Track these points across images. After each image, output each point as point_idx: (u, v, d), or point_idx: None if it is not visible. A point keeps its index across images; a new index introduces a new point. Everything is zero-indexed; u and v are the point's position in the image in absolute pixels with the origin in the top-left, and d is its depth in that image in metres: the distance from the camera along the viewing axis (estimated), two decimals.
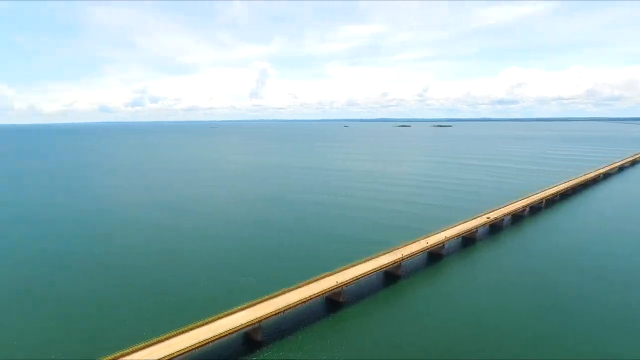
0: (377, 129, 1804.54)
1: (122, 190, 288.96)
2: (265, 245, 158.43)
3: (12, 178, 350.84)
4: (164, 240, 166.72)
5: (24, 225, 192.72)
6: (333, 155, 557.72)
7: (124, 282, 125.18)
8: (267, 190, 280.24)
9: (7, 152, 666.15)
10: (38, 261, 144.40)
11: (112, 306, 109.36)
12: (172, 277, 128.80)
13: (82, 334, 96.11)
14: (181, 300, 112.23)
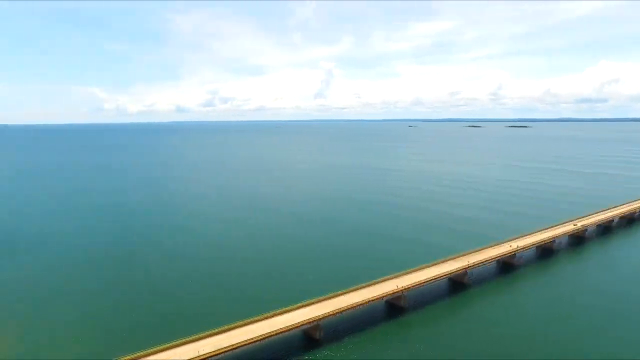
0: (444, 129, 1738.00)
1: (197, 185, 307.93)
2: (327, 245, 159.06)
3: (104, 172, 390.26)
4: (231, 235, 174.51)
5: (114, 213, 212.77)
6: (398, 155, 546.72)
7: (192, 273, 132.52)
8: (332, 189, 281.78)
9: (103, 148, 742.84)
10: (113, 246, 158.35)
11: (178, 295, 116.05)
12: (236, 271, 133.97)
13: (153, 318, 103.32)
14: (242, 294, 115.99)
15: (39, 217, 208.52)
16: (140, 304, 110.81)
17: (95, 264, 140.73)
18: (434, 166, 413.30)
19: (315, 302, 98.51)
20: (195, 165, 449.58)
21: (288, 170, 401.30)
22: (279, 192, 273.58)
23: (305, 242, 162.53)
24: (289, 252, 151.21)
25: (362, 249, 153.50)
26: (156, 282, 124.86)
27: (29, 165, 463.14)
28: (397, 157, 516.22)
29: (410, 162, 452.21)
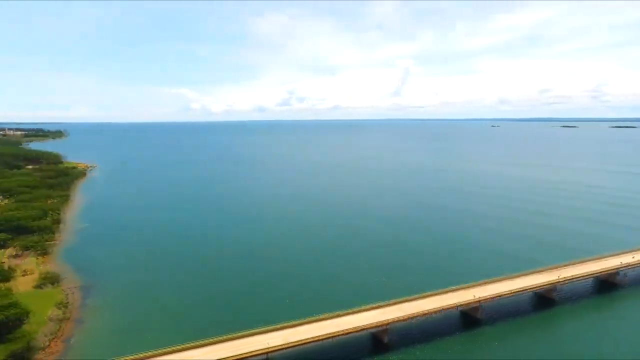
0: (533, 130, 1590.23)
1: (278, 182, 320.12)
2: (400, 248, 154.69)
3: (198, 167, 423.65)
4: (305, 233, 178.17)
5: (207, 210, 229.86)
6: (479, 157, 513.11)
7: (267, 268, 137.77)
8: (410, 191, 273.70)
9: (202, 145, 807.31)
10: (197, 238, 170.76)
11: (250, 289, 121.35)
12: (309, 268, 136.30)
13: (226, 309, 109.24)
14: (313, 292, 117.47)
15: (135, 209, 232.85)
16: (215, 295, 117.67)
17: (180, 254, 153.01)
18: (521, 170, 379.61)
19: (384, 306, 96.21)
20: (283, 164, 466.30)
21: (363, 169, 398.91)
22: (356, 191, 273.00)
23: (378, 243, 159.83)
24: (361, 252, 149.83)
25: (438, 255, 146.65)
26: (232, 275, 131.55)
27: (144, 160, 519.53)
28: (478, 159, 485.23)
29: (493, 165, 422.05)
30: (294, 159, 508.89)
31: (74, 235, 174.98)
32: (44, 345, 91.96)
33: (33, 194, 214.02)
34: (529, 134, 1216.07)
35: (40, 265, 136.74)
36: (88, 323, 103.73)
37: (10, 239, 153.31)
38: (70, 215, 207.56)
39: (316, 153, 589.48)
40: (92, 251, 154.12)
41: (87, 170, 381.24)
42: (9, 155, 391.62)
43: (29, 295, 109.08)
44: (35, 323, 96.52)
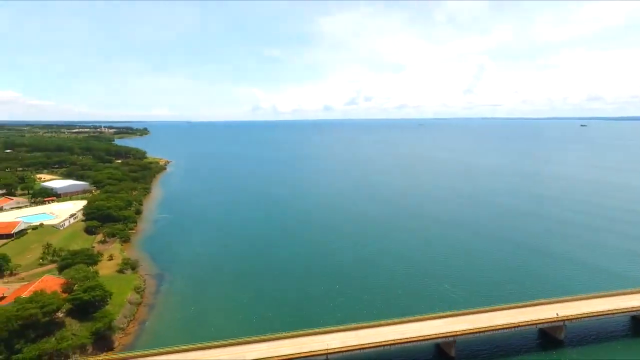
0: (631, 129, 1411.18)
1: (346, 181, 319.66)
2: (472, 255, 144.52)
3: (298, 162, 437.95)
4: (374, 235, 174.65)
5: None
6: (567, 160, 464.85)
7: (332, 268, 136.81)
8: (487, 195, 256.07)
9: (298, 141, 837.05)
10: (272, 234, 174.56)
11: (316, 288, 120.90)
12: (372, 271, 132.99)
13: (290, 306, 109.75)
14: (375, 295, 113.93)
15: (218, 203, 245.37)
16: (278, 291, 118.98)
17: (248, 249, 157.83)
18: (623, 177, 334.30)
19: (449, 316, 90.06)
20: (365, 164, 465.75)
21: (436, 171, 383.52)
22: (428, 193, 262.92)
23: (446, 249, 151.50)
24: (428, 257, 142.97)
25: (514, 265, 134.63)
26: (296, 273, 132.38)
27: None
28: (566, 163, 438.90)
29: (583, 169, 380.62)
30: (363, 158, 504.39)
31: (151, 225, 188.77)
32: (122, 325, 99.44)
33: (119, 186, 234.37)
34: (625, 134, 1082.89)
35: (124, 252, 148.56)
36: (160, 308, 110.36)
37: (100, 226, 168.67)
38: (150, 206, 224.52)
39: (385, 154, 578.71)
40: (166, 241, 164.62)
41: (167, 165, 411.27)
42: (102, 150, 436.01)
43: (111, 278, 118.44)
44: (116, 304, 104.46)
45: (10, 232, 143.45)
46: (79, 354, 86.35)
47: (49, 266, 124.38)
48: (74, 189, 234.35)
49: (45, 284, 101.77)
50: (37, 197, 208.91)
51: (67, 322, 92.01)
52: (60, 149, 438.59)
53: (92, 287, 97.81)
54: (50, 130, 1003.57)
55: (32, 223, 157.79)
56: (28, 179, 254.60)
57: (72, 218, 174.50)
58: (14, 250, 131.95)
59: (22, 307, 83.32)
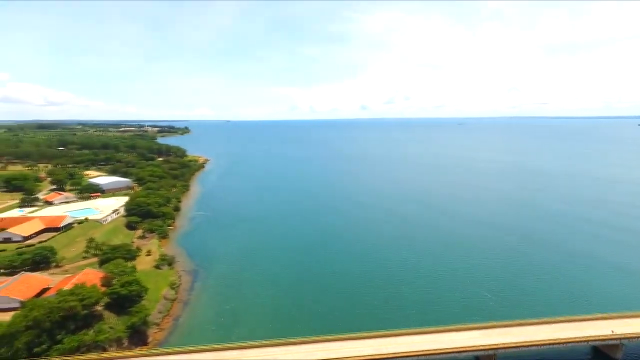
0: None
1: (388, 181, 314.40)
2: (516, 262, 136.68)
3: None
4: (413, 239, 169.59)
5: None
6: (628, 162, 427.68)
7: (366, 272, 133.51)
8: (536, 198, 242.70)
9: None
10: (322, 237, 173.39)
11: (346, 294, 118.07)
12: (407, 277, 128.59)
13: (322, 309, 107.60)
14: (408, 302, 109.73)
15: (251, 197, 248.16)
16: (311, 293, 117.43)
17: (284, 248, 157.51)
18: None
19: (489, 327, 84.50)
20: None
21: (480, 173, 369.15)
22: (472, 196, 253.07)
23: (488, 254, 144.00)
24: (469, 262, 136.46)
25: (564, 275, 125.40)
26: (330, 276, 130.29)
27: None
28: (623, 164, 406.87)
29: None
30: (402, 157, 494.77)
31: (189, 221, 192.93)
32: (157, 321, 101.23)
33: (159, 183, 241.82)
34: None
35: (161, 248, 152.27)
36: (194, 305, 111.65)
37: (140, 222, 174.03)
38: (188, 203, 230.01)
39: (425, 153, 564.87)
40: (203, 237, 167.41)
41: (205, 163, 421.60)
42: (145, 148, 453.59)
43: (148, 274, 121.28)
44: (151, 300, 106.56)
45: (58, 226, 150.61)
46: (115, 347, 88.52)
47: (91, 259, 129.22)
48: (118, 186, 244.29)
49: (86, 277, 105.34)
50: (84, 193, 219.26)
51: (105, 315, 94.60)
52: (107, 146, 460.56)
53: (129, 282, 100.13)
54: (100, 129, 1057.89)
55: (78, 217, 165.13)
56: (77, 175, 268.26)
57: (114, 213, 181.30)
58: (60, 243, 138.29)
59: (63, 299, 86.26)
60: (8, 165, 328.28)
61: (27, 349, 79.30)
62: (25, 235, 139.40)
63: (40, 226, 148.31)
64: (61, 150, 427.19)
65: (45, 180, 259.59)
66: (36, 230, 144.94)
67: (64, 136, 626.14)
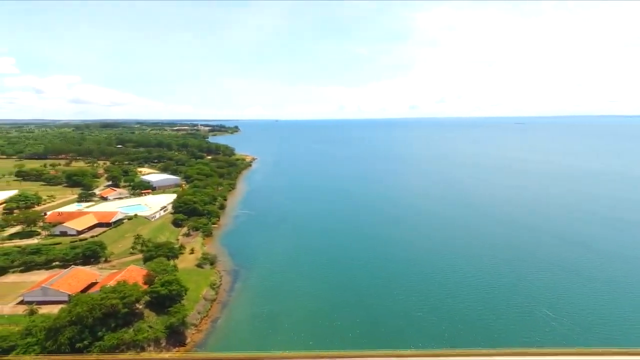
0: None
1: (439, 183, 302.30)
2: (595, 279, 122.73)
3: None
4: (481, 247, 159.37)
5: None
6: None
7: (421, 284, 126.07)
8: (625, 209, 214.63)
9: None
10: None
11: (392, 304, 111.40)
12: (471, 292, 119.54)
13: (367, 322, 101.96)
14: (468, 319, 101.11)
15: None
16: (358, 304, 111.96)
17: (328, 253, 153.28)
18: None
19: (553, 354, 74.61)
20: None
21: (542, 176, 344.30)
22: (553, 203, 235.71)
23: (556, 267, 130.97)
24: (533, 276, 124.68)
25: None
26: (378, 286, 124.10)
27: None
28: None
29: None
30: (458, 159, 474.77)
31: (233, 220, 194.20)
32: (195, 322, 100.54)
33: (206, 181, 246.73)
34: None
35: (204, 246, 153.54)
36: (233, 306, 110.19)
37: (185, 219, 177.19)
38: (233, 202, 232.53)
39: (478, 154, 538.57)
40: (245, 237, 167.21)
41: (252, 162, 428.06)
42: (195, 147, 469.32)
43: (190, 273, 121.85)
44: (191, 300, 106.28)
45: (109, 221, 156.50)
46: (153, 347, 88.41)
47: (137, 256, 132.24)
48: (167, 183, 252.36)
49: (130, 274, 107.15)
50: (136, 190, 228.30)
51: (146, 313, 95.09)
52: (161, 145, 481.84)
53: (170, 281, 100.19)
54: (156, 127, 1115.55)
55: (128, 213, 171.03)
56: (131, 172, 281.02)
57: (162, 210, 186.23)
58: (110, 239, 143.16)
59: (105, 296, 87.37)
60: (72, 162, 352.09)
61: (69, 344, 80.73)
62: (79, 230, 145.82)
63: (93, 221, 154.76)
64: (119, 148, 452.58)
65: (102, 176, 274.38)
66: (89, 225, 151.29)
67: (123, 134, 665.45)
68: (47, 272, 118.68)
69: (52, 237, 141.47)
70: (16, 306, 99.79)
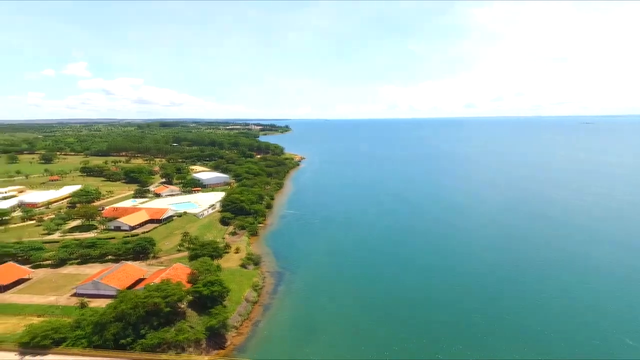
0: None
1: (509, 188, 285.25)
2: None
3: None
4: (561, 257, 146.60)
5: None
6: None
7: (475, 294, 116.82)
8: None
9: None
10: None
11: (451, 318, 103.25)
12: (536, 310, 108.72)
13: (417, 333, 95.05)
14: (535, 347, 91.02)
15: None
16: (405, 314, 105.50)
17: (376, 258, 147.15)
18: None
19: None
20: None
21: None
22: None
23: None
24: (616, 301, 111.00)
25: None
26: (435, 297, 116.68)
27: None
28: None
29: None
30: (527, 163, 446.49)
31: (279, 220, 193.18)
32: (236, 324, 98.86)
33: (254, 180, 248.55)
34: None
35: (249, 245, 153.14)
36: (275, 309, 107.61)
37: (232, 218, 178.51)
38: (280, 201, 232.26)
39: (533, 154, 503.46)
40: (291, 238, 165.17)
41: (301, 161, 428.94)
42: (246, 145, 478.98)
43: (233, 273, 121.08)
44: (233, 301, 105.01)
45: (160, 218, 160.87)
46: (194, 348, 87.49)
47: (184, 253, 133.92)
48: (217, 181, 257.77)
49: (176, 272, 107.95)
50: (187, 187, 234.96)
51: (188, 313, 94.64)
52: (213, 143, 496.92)
53: (212, 281, 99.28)
54: (211, 126, 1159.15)
55: (178, 210, 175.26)
56: (183, 169, 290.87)
57: (210, 208, 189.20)
58: (160, 235, 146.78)
59: (149, 294, 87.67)
60: (131, 159, 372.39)
61: (114, 340, 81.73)
62: (131, 225, 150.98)
63: (145, 217, 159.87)
64: (174, 146, 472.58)
65: (157, 173, 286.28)
66: (141, 221, 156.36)
67: (179, 133, 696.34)
68: (100, 265, 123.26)
69: (107, 232, 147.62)
70: (70, 298, 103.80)
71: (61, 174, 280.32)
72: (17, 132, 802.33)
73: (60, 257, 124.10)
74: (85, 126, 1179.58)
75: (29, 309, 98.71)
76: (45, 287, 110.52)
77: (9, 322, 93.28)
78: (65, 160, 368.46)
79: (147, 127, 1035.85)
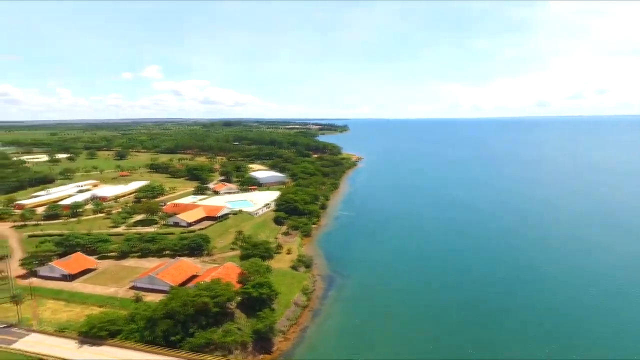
0: None
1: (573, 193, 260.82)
2: None
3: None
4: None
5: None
6: None
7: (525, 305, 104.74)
8: None
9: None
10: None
11: (505, 324, 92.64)
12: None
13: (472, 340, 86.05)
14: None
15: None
16: (467, 327, 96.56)
17: (433, 263, 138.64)
18: None
19: None
20: None
21: None
22: None
23: None
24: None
25: None
26: (496, 307, 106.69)
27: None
28: None
29: None
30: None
31: (333, 221, 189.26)
32: (284, 329, 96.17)
33: (309, 180, 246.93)
34: None
35: (302, 246, 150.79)
36: (324, 315, 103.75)
37: (286, 217, 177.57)
38: (335, 202, 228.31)
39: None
40: (344, 240, 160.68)
41: (358, 161, 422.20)
42: (303, 145, 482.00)
43: (283, 274, 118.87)
44: (281, 304, 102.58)
45: (216, 215, 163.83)
46: (240, 351, 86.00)
47: (237, 252, 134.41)
48: (273, 180, 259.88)
49: (227, 271, 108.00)
50: (244, 185, 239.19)
51: (237, 314, 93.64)
52: (273, 142, 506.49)
53: (261, 283, 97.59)
54: (272, 126, 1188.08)
55: (234, 209, 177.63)
56: (242, 168, 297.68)
57: (265, 207, 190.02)
58: (215, 233, 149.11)
59: (198, 293, 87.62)
60: (195, 157, 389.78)
61: (164, 337, 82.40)
62: (189, 222, 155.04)
63: (202, 214, 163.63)
64: (235, 145, 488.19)
65: (217, 171, 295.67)
66: (198, 218, 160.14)
67: (241, 132, 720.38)
68: (158, 260, 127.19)
69: (166, 227, 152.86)
70: (128, 290, 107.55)
71: (131, 170, 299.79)
72: (99, 131, 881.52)
73: (122, 250, 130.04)
74: (157, 125, 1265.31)
75: (92, 299, 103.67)
76: (107, 278, 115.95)
77: (74, 311, 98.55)
78: (136, 157, 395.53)
79: (211, 126, 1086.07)
